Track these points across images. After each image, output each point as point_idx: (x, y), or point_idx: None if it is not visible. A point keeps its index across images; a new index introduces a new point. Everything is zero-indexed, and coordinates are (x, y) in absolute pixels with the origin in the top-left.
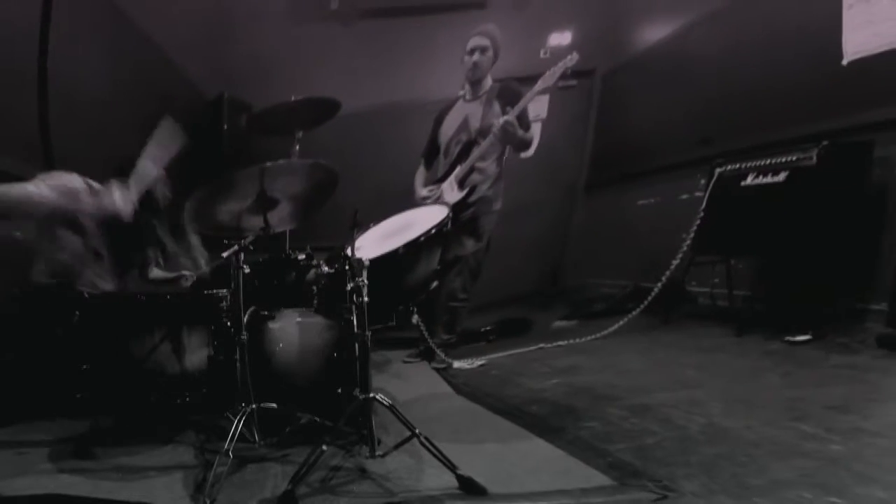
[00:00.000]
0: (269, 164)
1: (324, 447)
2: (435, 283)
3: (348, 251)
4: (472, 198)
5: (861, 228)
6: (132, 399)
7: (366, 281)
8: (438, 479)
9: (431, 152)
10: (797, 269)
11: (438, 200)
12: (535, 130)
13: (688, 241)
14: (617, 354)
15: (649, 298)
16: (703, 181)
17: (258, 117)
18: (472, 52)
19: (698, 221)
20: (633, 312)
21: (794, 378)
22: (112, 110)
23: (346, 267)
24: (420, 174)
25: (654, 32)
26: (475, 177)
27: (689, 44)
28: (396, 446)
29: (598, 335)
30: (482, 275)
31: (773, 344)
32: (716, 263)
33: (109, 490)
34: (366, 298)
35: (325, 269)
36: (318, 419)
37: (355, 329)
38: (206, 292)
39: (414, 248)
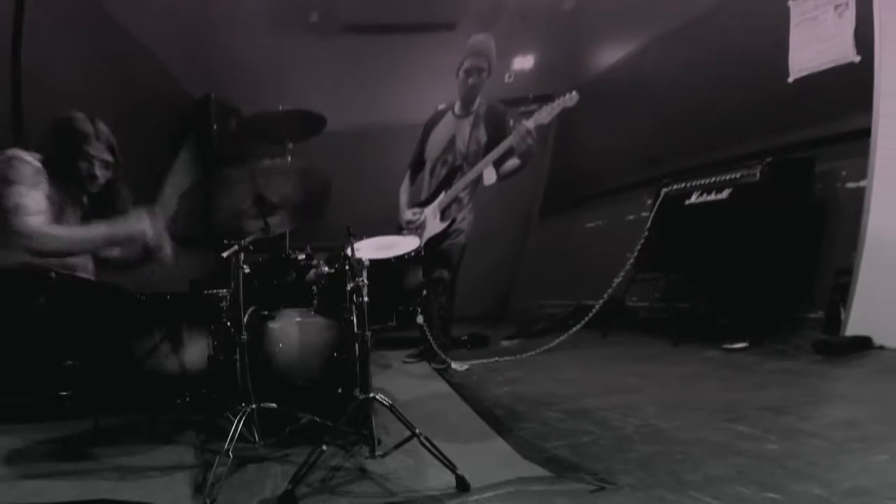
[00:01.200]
0: (267, 161)
1: (324, 447)
2: (424, 292)
3: (348, 251)
4: (451, 229)
5: (801, 241)
6: (131, 399)
7: (366, 281)
8: (438, 479)
9: (417, 165)
10: (737, 281)
11: (418, 230)
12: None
13: (631, 260)
14: (557, 367)
15: (589, 315)
16: (649, 201)
17: (249, 122)
18: (469, 72)
19: (642, 241)
20: (573, 329)
21: (730, 382)
22: (88, 103)
23: (346, 266)
24: (405, 189)
25: (610, 56)
26: (454, 207)
27: (641, 66)
28: (396, 446)
29: (538, 350)
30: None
31: (709, 352)
32: (652, 280)
33: (103, 492)
34: (366, 298)
35: (325, 268)
36: (317, 419)
37: (355, 329)
38: (206, 292)
39: (402, 261)
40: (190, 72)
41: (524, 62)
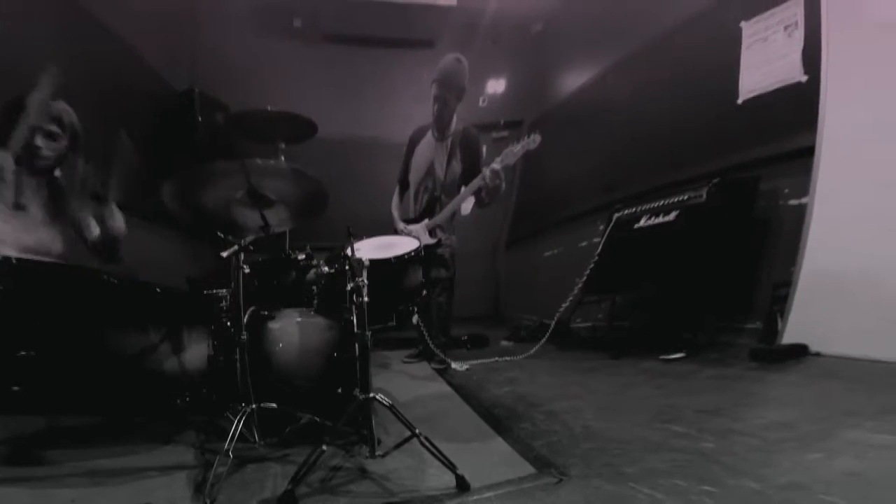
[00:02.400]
0: (258, 160)
1: (324, 447)
2: (424, 293)
3: (348, 251)
4: (441, 243)
5: (743, 257)
6: (116, 398)
7: (366, 281)
8: (438, 479)
9: (404, 182)
10: (679, 297)
11: (412, 235)
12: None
13: (579, 285)
14: (536, 371)
15: (547, 333)
16: (602, 227)
17: (237, 117)
18: (435, 99)
19: (591, 266)
20: (542, 341)
21: (666, 389)
22: (62, 94)
23: (347, 266)
24: (395, 204)
25: (573, 81)
26: (438, 231)
27: (600, 93)
28: (396, 446)
29: (525, 355)
30: (455, 295)
31: (647, 363)
32: (597, 302)
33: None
34: (366, 298)
35: (325, 268)
36: (317, 419)
37: (355, 329)
38: (205, 292)
39: (402, 262)
40: (173, 67)
41: (497, 85)
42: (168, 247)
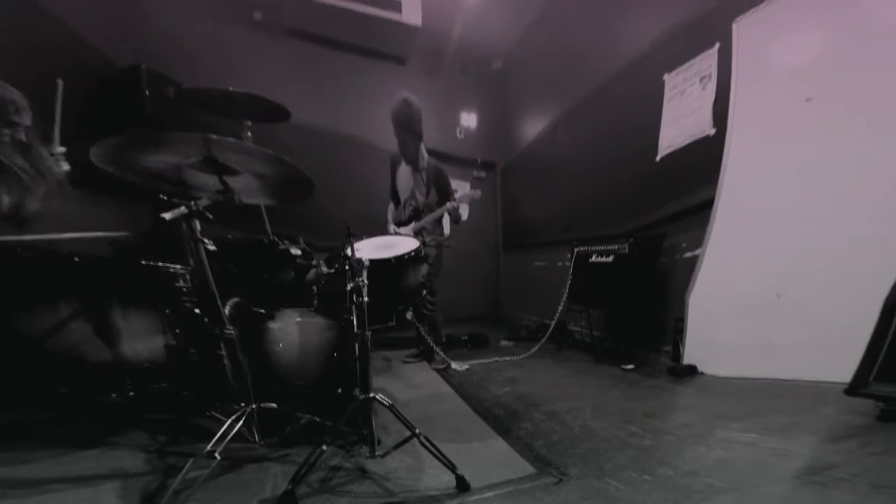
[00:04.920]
0: (227, 138)
1: (324, 447)
2: (424, 292)
3: (348, 251)
4: (426, 243)
5: (656, 296)
6: (17, 391)
7: (366, 281)
8: (438, 479)
9: (394, 195)
10: (623, 320)
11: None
12: (464, 210)
13: (565, 295)
14: (536, 371)
15: (548, 332)
16: (568, 255)
17: (192, 93)
18: (395, 135)
19: (568, 282)
20: (542, 341)
21: (626, 394)
22: None
23: (347, 267)
24: (391, 210)
25: (532, 127)
26: (424, 232)
27: (552, 144)
28: (396, 446)
29: (524, 355)
30: (452, 295)
31: (615, 370)
32: (581, 311)
33: None
34: (366, 298)
35: (325, 269)
36: (317, 419)
37: (355, 329)
38: (145, 263)
39: (402, 262)
40: (118, 46)
41: (469, 119)
42: (102, 215)
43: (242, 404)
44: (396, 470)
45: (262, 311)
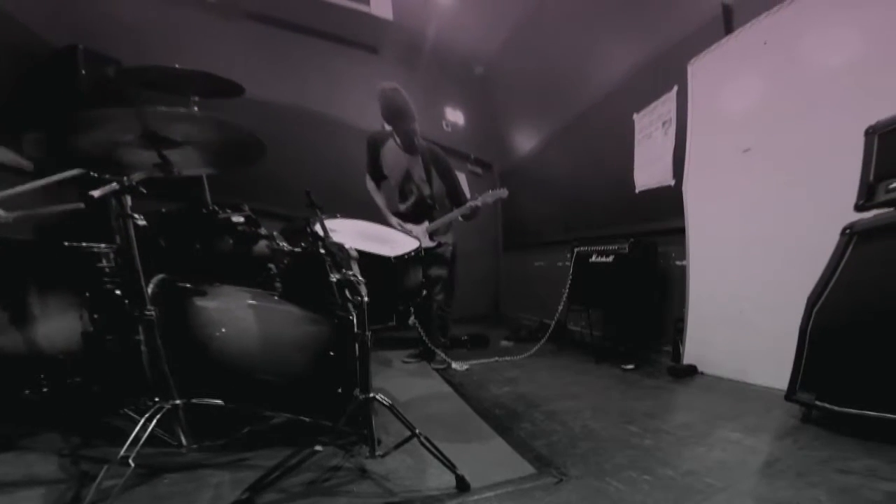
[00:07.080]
0: (163, 108)
1: (318, 447)
2: (424, 293)
3: (317, 229)
4: (441, 244)
5: (656, 296)
6: None
7: (361, 278)
8: (438, 479)
9: (377, 174)
10: (623, 319)
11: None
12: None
13: (565, 295)
14: (536, 371)
15: (548, 332)
16: (568, 255)
17: (133, 71)
18: (391, 128)
19: (568, 282)
20: (542, 341)
21: (626, 394)
22: None
23: (322, 251)
24: (373, 189)
25: (525, 139)
26: (439, 233)
27: (546, 161)
28: (396, 446)
29: (525, 355)
30: (455, 293)
31: (615, 370)
32: (581, 311)
33: None
34: (366, 298)
35: (284, 244)
36: (306, 419)
37: (355, 328)
38: (67, 244)
39: (403, 261)
40: (57, 28)
41: (455, 116)
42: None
43: (157, 399)
44: (397, 470)
45: (188, 285)
